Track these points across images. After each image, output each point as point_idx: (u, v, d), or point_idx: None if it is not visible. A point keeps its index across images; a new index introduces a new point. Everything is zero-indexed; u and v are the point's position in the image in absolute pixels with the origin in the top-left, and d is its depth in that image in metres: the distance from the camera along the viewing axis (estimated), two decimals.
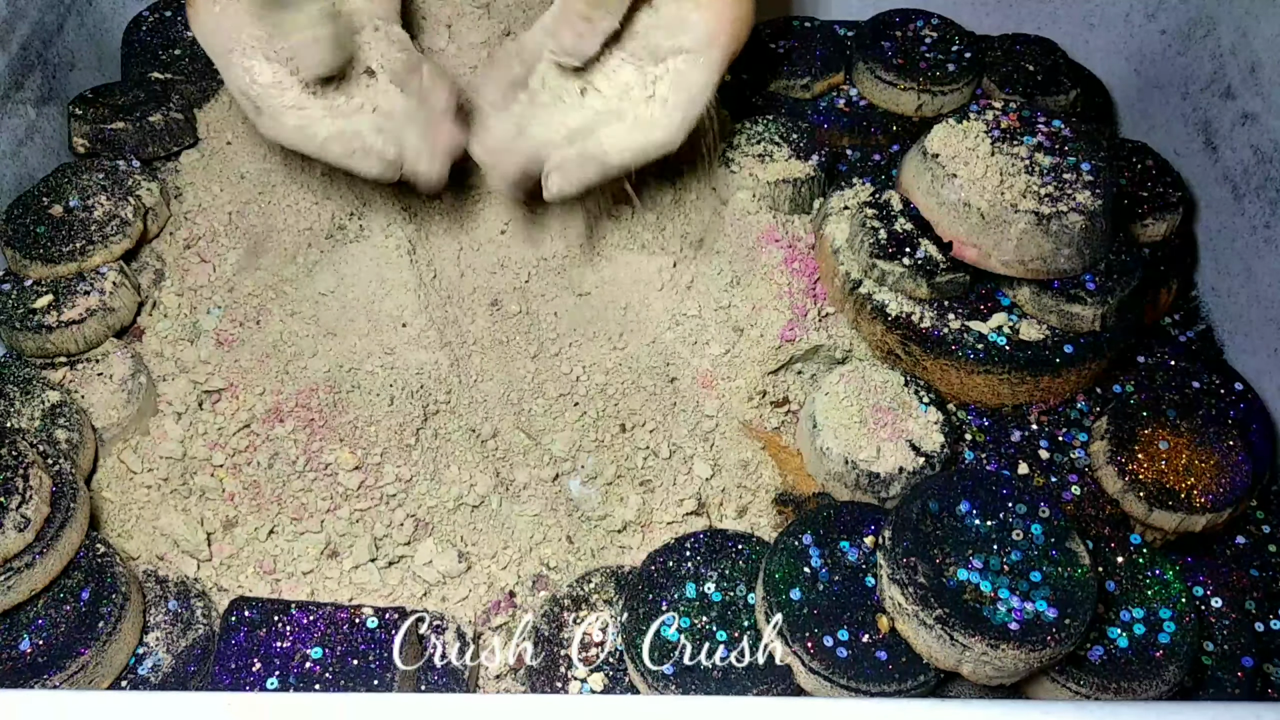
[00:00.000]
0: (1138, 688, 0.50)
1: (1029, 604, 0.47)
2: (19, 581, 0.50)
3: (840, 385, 0.61)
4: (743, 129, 0.72)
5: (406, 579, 0.56)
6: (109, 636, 0.50)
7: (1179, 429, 0.60)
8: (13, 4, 0.70)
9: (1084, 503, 0.59)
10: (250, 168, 0.69)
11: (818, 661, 0.49)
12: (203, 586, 0.56)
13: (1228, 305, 0.72)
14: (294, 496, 0.58)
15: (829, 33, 0.82)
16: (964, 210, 0.59)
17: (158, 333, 0.64)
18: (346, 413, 0.60)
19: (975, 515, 0.50)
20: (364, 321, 0.62)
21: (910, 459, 0.58)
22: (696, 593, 0.53)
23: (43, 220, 0.65)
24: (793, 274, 0.65)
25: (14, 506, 0.50)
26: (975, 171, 0.60)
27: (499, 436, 0.61)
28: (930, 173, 0.61)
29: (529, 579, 0.57)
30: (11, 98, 0.70)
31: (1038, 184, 0.59)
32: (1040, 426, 0.63)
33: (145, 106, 0.71)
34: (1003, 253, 0.60)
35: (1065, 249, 0.59)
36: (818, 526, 0.53)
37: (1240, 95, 0.70)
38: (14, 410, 0.58)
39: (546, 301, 0.65)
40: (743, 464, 0.61)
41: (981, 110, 0.63)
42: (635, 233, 0.67)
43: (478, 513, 0.58)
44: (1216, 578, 0.59)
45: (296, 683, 0.49)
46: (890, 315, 0.62)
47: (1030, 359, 0.61)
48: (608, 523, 0.59)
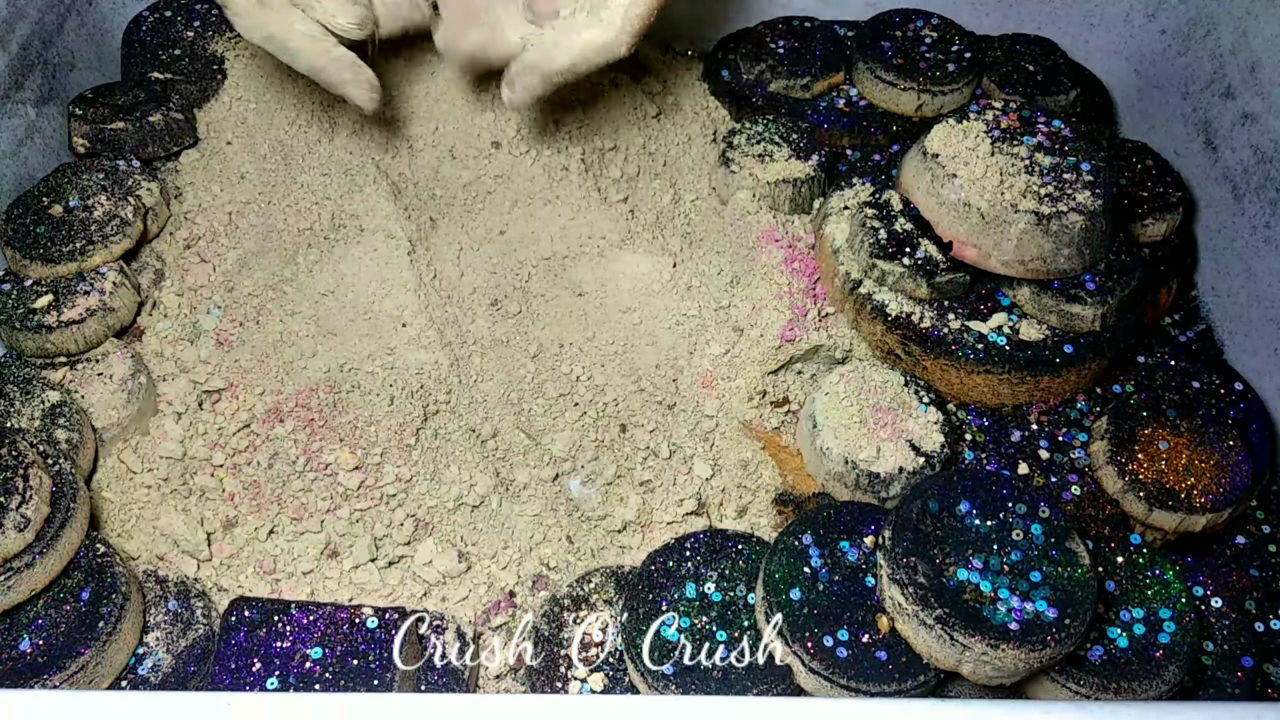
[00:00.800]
0: (1138, 688, 0.50)
1: (1029, 604, 0.47)
2: (19, 581, 0.50)
3: (840, 385, 0.61)
4: (743, 129, 0.72)
5: (406, 579, 0.56)
6: (109, 636, 0.50)
7: (1179, 429, 0.60)
8: (13, 4, 0.70)
9: (1084, 503, 0.59)
10: (250, 168, 0.69)
11: (818, 661, 0.49)
12: (203, 586, 0.56)
13: (1228, 305, 0.72)
14: (294, 496, 0.58)
15: (829, 33, 0.82)
16: (964, 210, 0.59)
17: (158, 333, 0.64)
18: (346, 413, 0.60)
19: (975, 515, 0.50)
20: (364, 321, 0.62)
21: (910, 459, 0.58)
22: (696, 593, 0.53)
23: (43, 220, 0.65)
24: (793, 274, 0.65)
25: (14, 506, 0.50)
26: (975, 171, 0.60)
27: (499, 436, 0.61)
28: (930, 173, 0.61)
29: (529, 579, 0.57)
30: (11, 98, 0.70)
31: (1038, 184, 0.59)
32: (1040, 426, 0.63)
33: (145, 106, 0.71)
34: (1003, 253, 0.60)
35: (1065, 249, 0.59)
36: (818, 526, 0.53)
37: (1240, 95, 0.70)
38: (14, 410, 0.58)
39: (546, 301, 0.65)
40: (743, 464, 0.61)
41: (981, 110, 0.63)
42: (635, 233, 0.67)
43: (478, 513, 0.58)
44: (1216, 578, 0.59)
45: (296, 683, 0.49)
46: (890, 315, 0.62)
47: (1030, 359, 0.61)
48: (608, 523, 0.59)
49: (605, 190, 0.68)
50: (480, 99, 0.68)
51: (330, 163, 0.67)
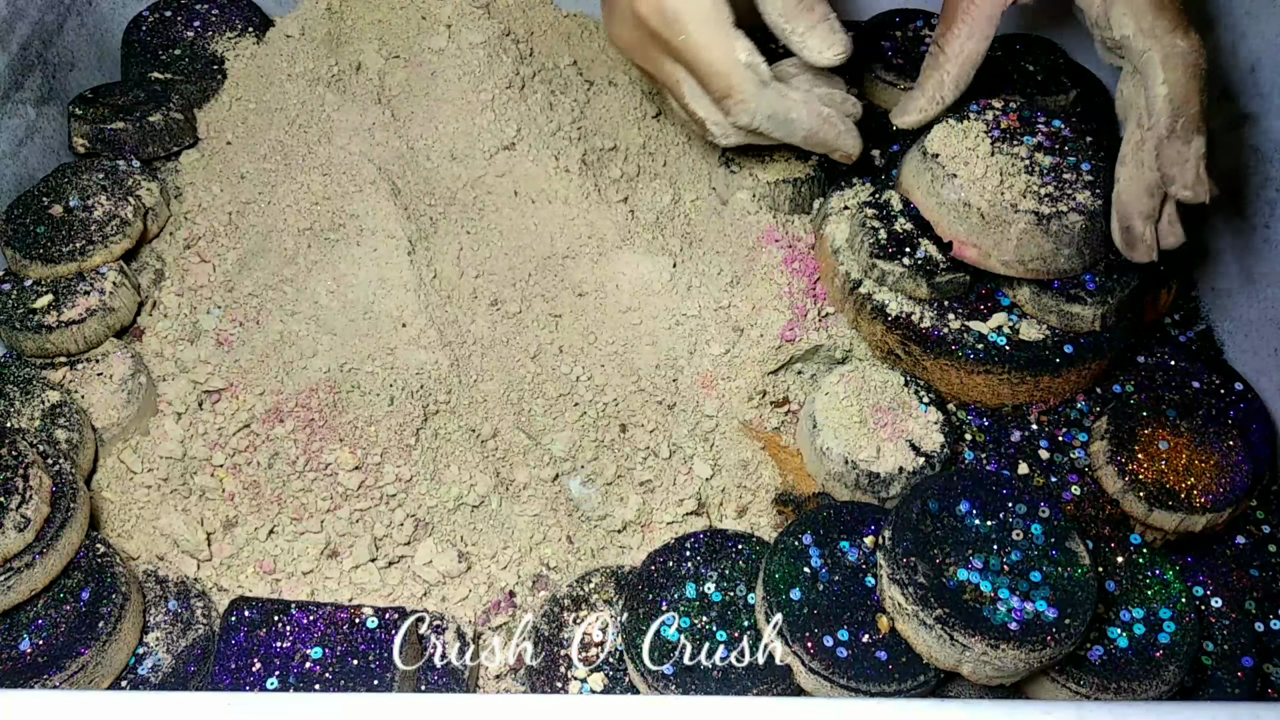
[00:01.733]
0: (1138, 688, 0.50)
1: (1029, 604, 0.48)
2: (19, 581, 0.50)
3: (840, 385, 0.61)
4: None
5: (406, 579, 0.56)
6: (109, 636, 0.50)
7: (1179, 429, 0.60)
8: (13, 4, 0.70)
9: (1084, 503, 0.59)
10: (250, 168, 0.69)
11: (818, 661, 0.49)
12: (203, 586, 0.56)
13: (1228, 305, 0.72)
14: (294, 496, 0.58)
15: None
16: (964, 210, 0.59)
17: (158, 333, 0.64)
18: (346, 413, 0.60)
19: (975, 515, 0.50)
20: (364, 321, 0.62)
21: (910, 459, 0.58)
22: (696, 593, 0.53)
23: (43, 220, 0.65)
24: (793, 274, 0.65)
25: (14, 506, 0.50)
26: (975, 171, 0.60)
27: (499, 436, 0.60)
28: (930, 172, 0.61)
29: (529, 579, 0.57)
30: (11, 98, 0.70)
31: (1038, 184, 0.59)
32: (1040, 426, 0.63)
33: (145, 106, 0.71)
34: (1003, 253, 0.60)
35: (1065, 249, 0.59)
36: (818, 526, 0.53)
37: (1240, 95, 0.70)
38: (14, 410, 0.58)
39: (546, 301, 0.65)
40: (743, 464, 0.61)
41: (981, 110, 0.63)
42: (635, 233, 0.67)
43: (478, 513, 0.58)
44: (1216, 578, 0.59)
45: (296, 683, 0.49)
46: (890, 315, 0.62)
47: (1030, 359, 0.61)
48: (608, 523, 0.59)
49: (605, 190, 0.68)
50: (480, 99, 0.68)
51: (330, 163, 0.67)
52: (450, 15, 0.71)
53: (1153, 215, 0.59)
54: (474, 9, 0.71)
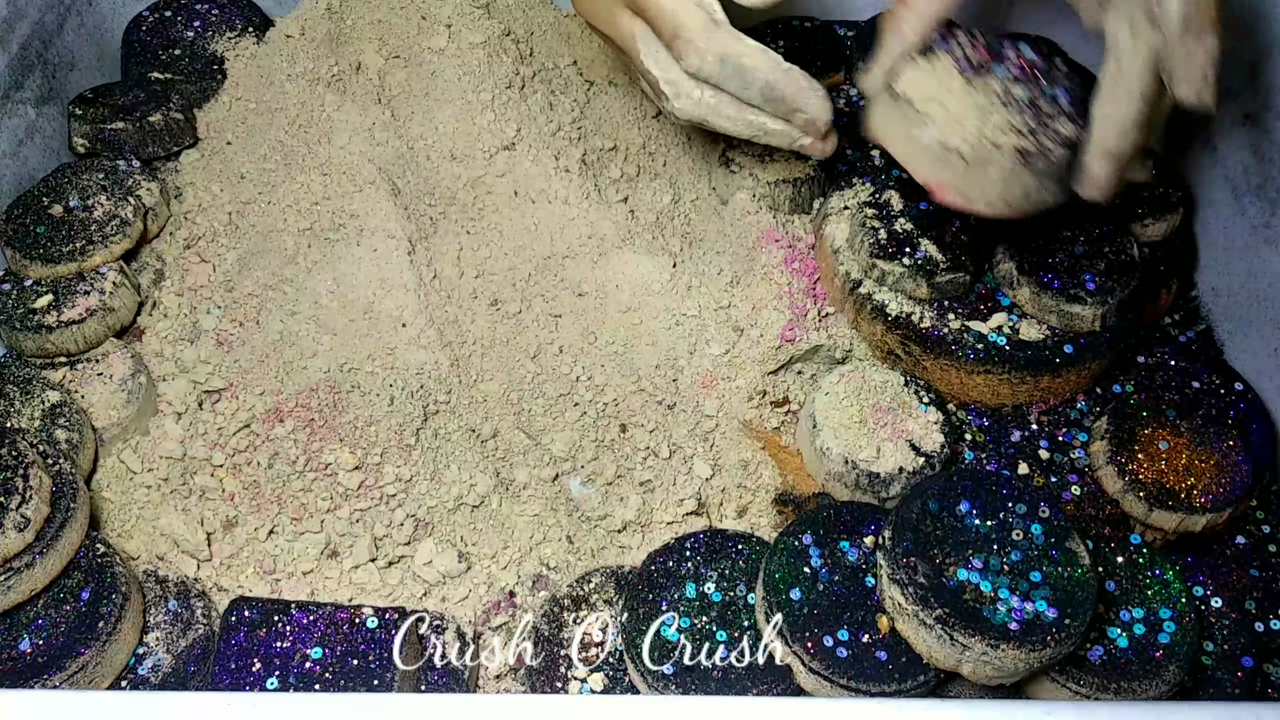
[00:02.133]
0: (1138, 688, 0.50)
1: (1029, 604, 0.48)
2: (19, 581, 0.50)
3: (840, 385, 0.61)
4: None
5: (406, 579, 0.56)
6: (109, 636, 0.50)
7: (1179, 429, 0.60)
8: (13, 4, 0.70)
9: (1084, 503, 0.59)
10: (250, 168, 0.69)
11: (818, 661, 0.49)
12: (203, 586, 0.56)
13: (1228, 305, 0.72)
14: (294, 496, 0.58)
15: (829, 33, 0.82)
16: (944, 154, 0.57)
17: (158, 333, 0.64)
18: (346, 413, 0.60)
19: (975, 515, 0.50)
20: (364, 321, 0.62)
21: (910, 459, 0.58)
22: (696, 593, 0.53)
23: (43, 220, 0.65)
24: (793, 274, 0.65)
25: (14, 506, 0.50)
26: (950, 112, 0.57)
27: (499, 436, 0.61)
28: (903, 116, 0.58)
29: (529, 579, 0.57)
30: (11, 98, 0.70)
31: (1016, 119, 0.57)
32: (1040, 426, 0.63)
33: (145, 106, 0.71)
34: (986, 194, 0.57)
35: (1049, 183, 0.57)
36: (818, 526, 0.53)
37: (1240, 95, 0.70)
38: (14, 410, 0.58)
39: (546, 301, 0.65)
40: (743, 464, 0.61)
41: (948, 44, 0.60)
42: (635, 233, 0.67)
43: (478, 513, 0.58)
44: (1216, 578, 0.59)
45: (296, 683, 0.49)
46: (890, 315, 0.62)
47: (1030, 359, 0.61)
48: (608, 523, 0.59)
49: (605, 190, 0.68)
50: (480, 99, 0.68)
51: (330, 163, 0.67)
52: (450, 15, 0.71)
53: (1126, 157, 0.56)
54: (474, 9, 0.71)
